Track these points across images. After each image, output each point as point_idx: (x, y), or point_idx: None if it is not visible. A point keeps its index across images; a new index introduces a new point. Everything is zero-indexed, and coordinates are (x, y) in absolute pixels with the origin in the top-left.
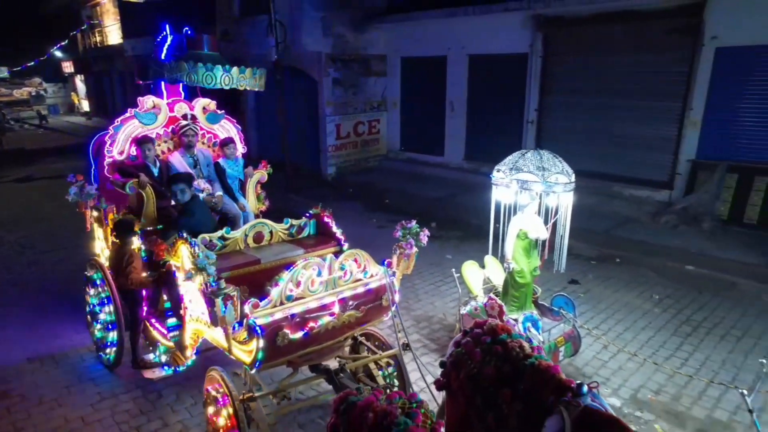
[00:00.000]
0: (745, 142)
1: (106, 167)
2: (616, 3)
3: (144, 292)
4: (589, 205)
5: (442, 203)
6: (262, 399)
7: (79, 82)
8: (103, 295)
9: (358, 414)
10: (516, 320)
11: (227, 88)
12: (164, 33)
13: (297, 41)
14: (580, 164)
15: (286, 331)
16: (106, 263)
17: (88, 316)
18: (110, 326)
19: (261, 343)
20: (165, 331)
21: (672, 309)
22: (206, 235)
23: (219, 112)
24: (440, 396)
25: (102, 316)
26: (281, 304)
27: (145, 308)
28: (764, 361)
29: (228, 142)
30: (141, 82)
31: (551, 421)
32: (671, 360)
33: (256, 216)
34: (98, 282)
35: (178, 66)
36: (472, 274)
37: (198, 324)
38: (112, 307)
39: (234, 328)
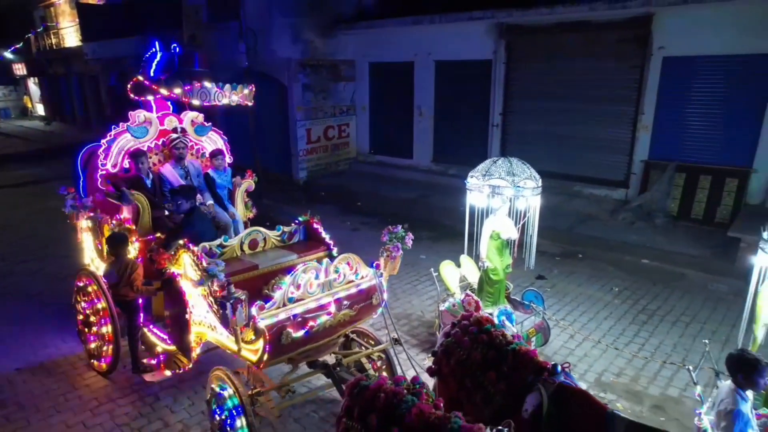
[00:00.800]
0: (690, 144)
1: (99, 179)
2: (572, 14)
3: (141, 300)
4: (552, 204)
5: (413, 205)
6: (267, 394)
7: (33, 85)
8: (99, 306)
9: (371, 395)
10: (491, 314)
11: (221, 104)
12: (153, 50)
13: (267, 48)
14: (542, 165)
15: (289, 330)
16: (98, 273)
17: (81, 325)
18: (106, 334)
19: (267, 342)
20: (164, 336)
21: (630, 300)
22: (206, 244)
23: (206, 124)
24: (429, 382)
25: (96, 325)
26: (284, 305)
27: (142, 315)
28: (707, 341)
29: (217, 153)
30: (135, 97)
31: (531, 397)
32: (630, 346)
33: (245, 223)
34: (92, 291)
35: (175, 83)
36: (449, 272)
37: (201, 327)
38: (107, 315)
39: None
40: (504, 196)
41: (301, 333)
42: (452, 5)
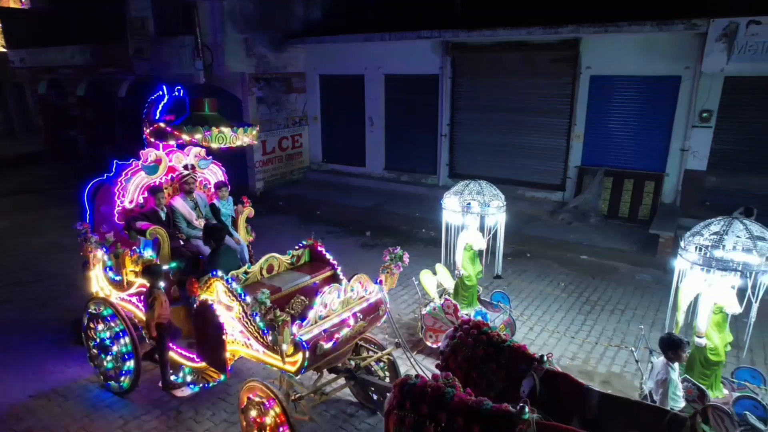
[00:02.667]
0: (615, 152)
1: (117, 215)
2: (512, 36)
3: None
4: None
5: (371, 212)
6: (305, 397)
7: None
8: (116, 329)
9: (420, 390)
10: (469, 314)
11: (235, 146)
12: (160, 93)
13: (220, 63)
14: (488, 171)
15: (322, 342)
16: (116, 301)
17: (94, 350)
18: (126, 356)
19: (306, 354)
20: (191, 356)
21: (575, 293)
22: (234, 272)
23: (207, 158)
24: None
25: (115, 348)
26: (315, 322)
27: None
28: (642, 327)
29: (221, 185)
30: (155, 141)
31: (526, 382)
32: (579, 333)
33: (247, 246)
34: (108, 317)
35: (195, 129)
36: (428, 280)
37: (235, 345)
38: (128, 339)
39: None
40: (474, 214)
41: (330, 344)
42: (400, 23)
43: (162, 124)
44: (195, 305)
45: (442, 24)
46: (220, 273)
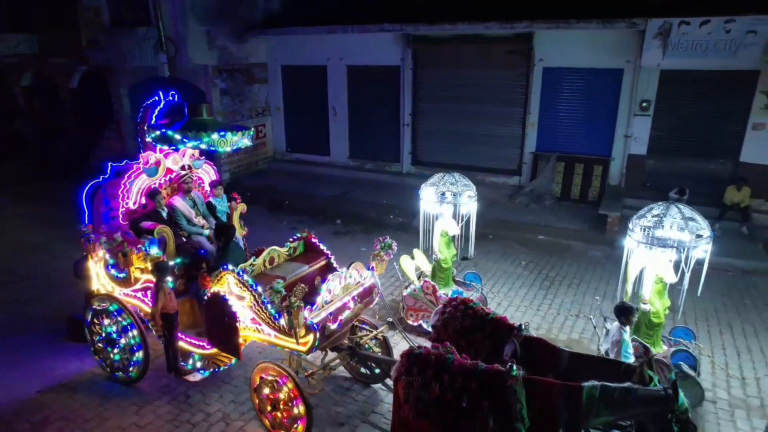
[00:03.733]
0: (567, 139)
1: (121, 216)
2: (468, 29)
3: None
4: None
5: (338, 201)
6: (315, 374)
7: None
8: (124, 323)
9: (425, 358)
10: (446, 294)
11: (231, 149)
12: (156, 98)
13: (183, 55)
14: (449, 159)
15: (329, 324)
16: (122, 297)
17: (99, 344)
18: (135, 348)
19: (316, 335)
20: (201, 343)
21: (535, 270)
22: (242, 265)
23: (201, 158)
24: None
25: (123, 341)
26: (322, 307)
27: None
28: (597, 298)
29: (217, 184)
30: (156, 145)
31: (508, 347)
32: (542, 306)
33: (242, 240)
34: (115, 312)
35: (198, 134)
36: (407, 264)
37: (246, 331)
38: (136, 332)
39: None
40: (449, 203)
41: (335, 325)
42: (361, 15)
43: (171, 132)
44: (206, 297)
45: (404, 17)
46: (230, 266)
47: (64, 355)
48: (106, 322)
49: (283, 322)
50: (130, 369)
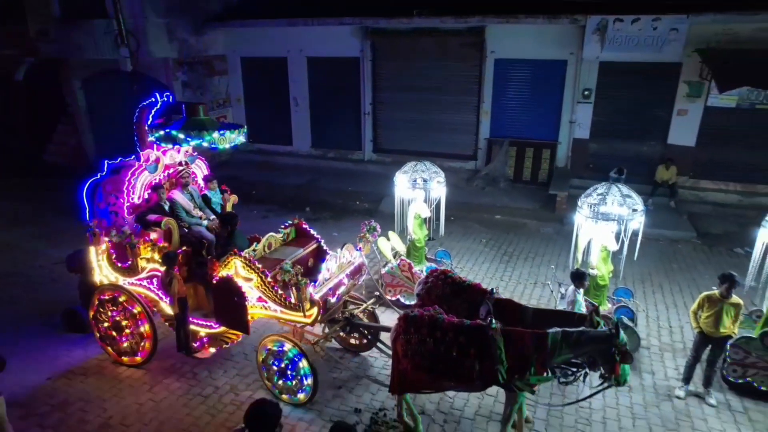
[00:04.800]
0: (518, 125)
1: (126, 210)
2: (424, 23)
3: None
4: None
5: (304, 189)
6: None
7: None
8: (135, 311)
9: (419, 318)
10: (422, 270)
11: (229, 146)
12: (152, 99)
13: (143, 49)
14: (409, 146)
15: (329, 298)
16: (135, 287)
17: (106, 332)
18: (143, 332)
19: (320, 308)
20: (209, 324)
21: (495, 247)
22: (247, 250)
23: (194, 154)
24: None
25: (132, 327)
26: (323, 283)
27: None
28: (553, 267)
29: (211, 178)
30: (156, 143)
31: (482, 308)
32: (503, 277)
33: None
34: (123, 300)
35: (201, 133)
36: (384, 245)
37: (253, 309)
38: (144, 317)
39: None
40: (420, 188)
41: (334, 299)
42: (320, 7)
43: (174, 132)
44: (214, 281)
45: (364, 11)
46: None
47: (66, 346)
48: (113, 309)
49: (293, 298)
50: (139, 352)
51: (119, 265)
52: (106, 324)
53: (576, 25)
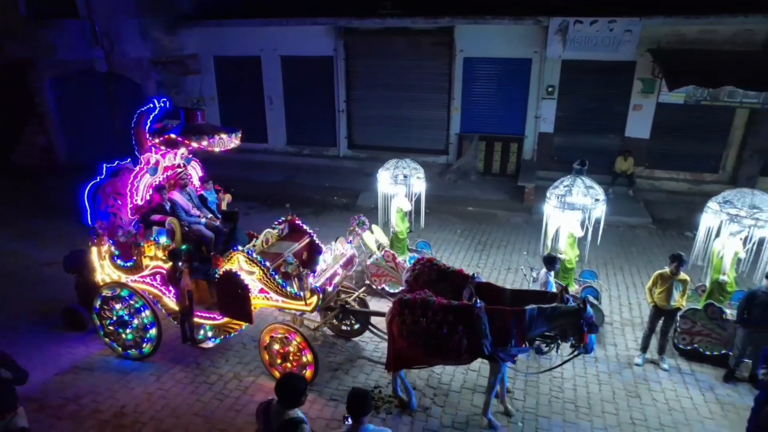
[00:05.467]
0: (487, 120)
1: (129, 210)
2: (396, 23)
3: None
4: None
5: (284, 186)
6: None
7: None
8: (136, 305)
9: (412, 301)
10: (405, 260)
11: (228, 148)
12: (150, 105)
13: (118, 49)
14: (383, 141)
15: (327, 287)
16: (138, 284)
17: (110, 327)
18: (148, 326)
19: (320, 296)
20: (212, 315)
21: (469, 237)
22: (248, 246)
23: (189, 156)
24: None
25: (136, 321)
26: (321, 274)
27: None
28: (526, 253)
29: (207, 179)
30: (164, 148)
31: (465, 291)
32: (479, 265)
33: None
34: (127, 297)
35: (202, 137)
36: (368, 237)
37: (257, 300)
38: (149, 312)
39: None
40: (402, 183)
41: (331, 288)
42: (292, 7)
43: (173, 135)
44: (217, 275)
45: (338, 11)
46: (240, 247)
47: (67, 343)
48: (118, 306)
49: (290, 288)
50: (144, 345)
51: (121, 263)
52: (109, 320)
53: (539, 25)
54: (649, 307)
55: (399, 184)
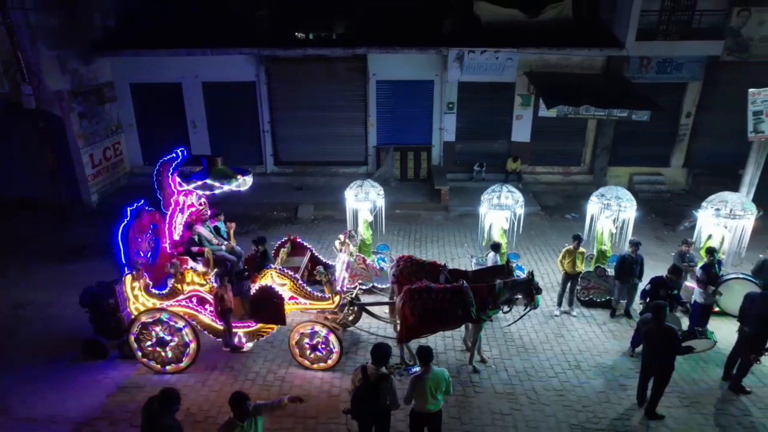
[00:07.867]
0: (400, 133)
1: (169, 245)
2: (314, 52)
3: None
4: (321, 184)
5: (221, 204)
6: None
7: None
8: (177, 326)
9: (419, 289)
10: (373, 261)
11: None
12: (172, 155)
13: (39, 83)
14: (308, 157)
15: (342, 288)
16: (174, 308)
17: (149, 348)
18: (189, 342)
19: (341, 295)
20: (247, 324)
21: (406, 236)
22: (275, 265)
23: (200, 194)
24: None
25: (176, 340)
26: (338, 279)
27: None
28: (466, 244)
29: (219, 213)
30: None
31: (441, 277)
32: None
33: None
34: (166, 320)
35: (230, 181)
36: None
37: (288, 305)
38: (188, 330)
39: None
40: (364, 200)
41: (344, 289)
42: (209, 36)
43: (208, 181)
44: (254, 291)
45: (256, 41)
46: (272, 265)
47: (96, 370)
48: (158, 329)
49: (318, 293)
50: (184, 359)
51: (157, 291)
52: (148, 342)
53: (440, 54)
54: (560, 274)
55: (363, 201)
